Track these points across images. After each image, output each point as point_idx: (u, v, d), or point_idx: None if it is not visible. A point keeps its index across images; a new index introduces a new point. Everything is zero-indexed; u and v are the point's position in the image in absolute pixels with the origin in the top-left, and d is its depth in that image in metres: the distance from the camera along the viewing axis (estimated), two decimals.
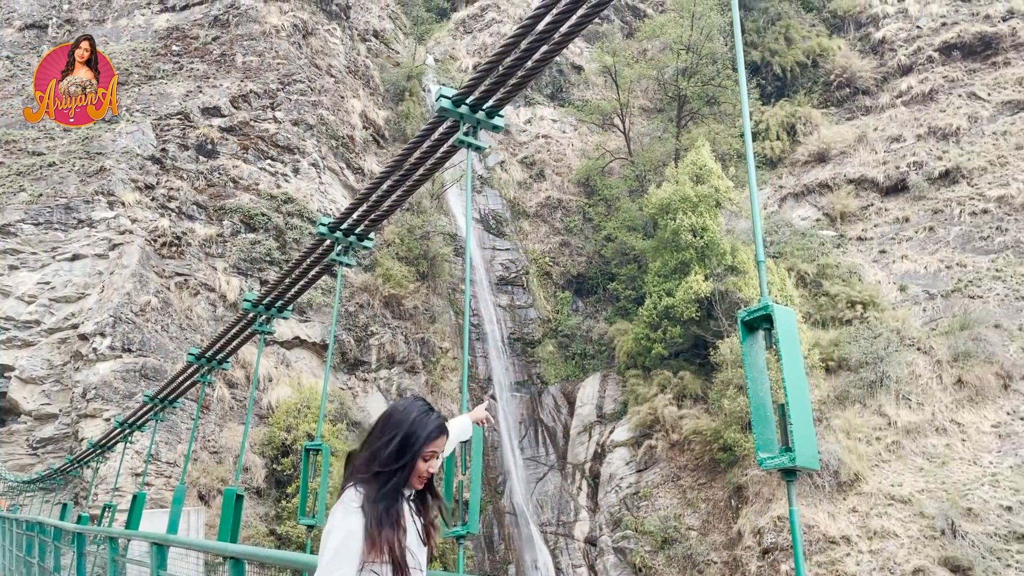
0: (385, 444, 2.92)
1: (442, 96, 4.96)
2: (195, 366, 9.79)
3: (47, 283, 23.06)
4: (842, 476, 22.16)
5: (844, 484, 22.15)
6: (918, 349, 25.51)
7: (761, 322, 2.74)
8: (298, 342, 26.75)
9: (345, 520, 2.77)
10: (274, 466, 22.77)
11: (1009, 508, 20.11)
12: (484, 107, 5.02)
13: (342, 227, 6.40)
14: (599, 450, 28.90)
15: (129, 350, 21.64)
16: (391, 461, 2.88)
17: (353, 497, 2.83)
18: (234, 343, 8.99)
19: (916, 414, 23.70)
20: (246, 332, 8.52)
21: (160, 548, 6.70)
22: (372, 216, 6.11)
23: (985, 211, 29.37)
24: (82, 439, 19.43)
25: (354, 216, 6.22)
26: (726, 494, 24.64)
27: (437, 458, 3.02)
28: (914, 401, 24.07)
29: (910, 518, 20.76)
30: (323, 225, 6.49)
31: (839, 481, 22.24)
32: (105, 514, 12.72)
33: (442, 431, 3.03)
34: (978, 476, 21.44)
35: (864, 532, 20.82)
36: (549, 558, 27.05)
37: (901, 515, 20.98)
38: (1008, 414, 22.97)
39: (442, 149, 5.28)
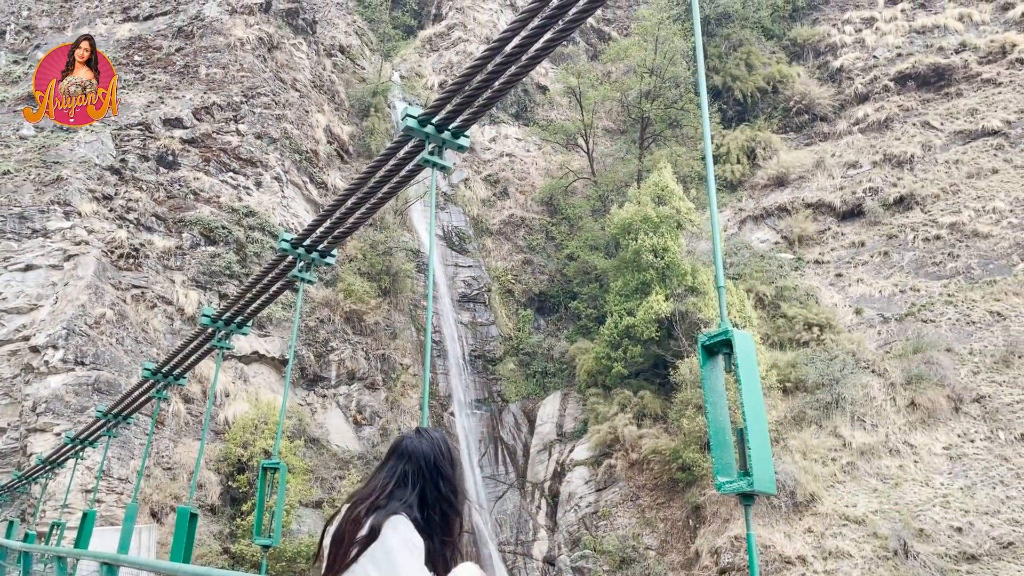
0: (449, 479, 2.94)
1: (408, 115, 4.97)
2: (150, 381, 9.61)
3: None
4: (798, 497, 22.42)
5: (800, 505, 22.41)
6: (872, 371, 25.99)
7: (721, 346, 2.78)
8: (257, 357, 26.40)
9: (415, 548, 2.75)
10: (229, 483, 22.37)
11: (959, 529, 20.50)
12: (450, 127, 5.04)
13: (304, 243, 6.35)
14: (559, 469, 28.89)
15: (82, 363, 21.15)
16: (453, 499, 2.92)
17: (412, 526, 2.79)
18: (191, 358, 8.85)
19: (870, 435, 24.10)
20: (204, 347, 8.38)
21: (110, 568, 6.53)
22: (335, 233, 6.08)
23: (938, 237, 30.12)
24: (31, 454, 18.90)
25: (317, 233, 6.18)
26: (684, 514, 24.77)
27: None
28: (868, 423, 24.49)
29: (864, 538, 21.06)
30: (285, 241, 6.44)
31: (795, 502, 22.50)
32: (53, 532, 12.36)
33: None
34: (930, 497, 21.84)
35: (819, 552, 21.05)
36: None
37: (855, 535, 21.27)
38: (959, 436, 23.47)
39: (407, 168, 5.29)
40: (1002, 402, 23.66)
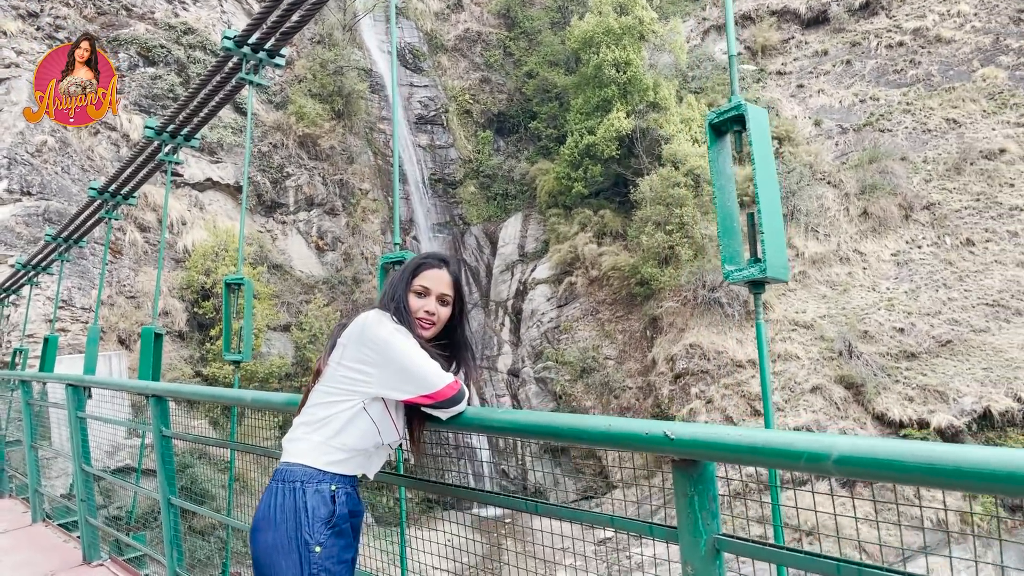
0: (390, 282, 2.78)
1: None
2: (98, 201, 9.17)
3: None
4: (750, 306, 23.21)
5: (752, 313, 23.25)
6: (828, 183, 26.24)
7: (731, 124, 2.53)
8: (211, 184, 25.64)
9: (400, 329, 2.59)
10: (195, 310, 22.37)
11: (901, 330, 21.53)
12: None
13: (249, 42, 5.81)
14: (521, 288, 29.40)
15: (29, 193, 20.34)
16: (392, 294, 2.71)
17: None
18: (139, 176, 8.39)
19: (822, 245, 24.71)
20: (151, 164, 7.92)
21: (76, 390, 6.46)
22: (283, 28, 5.54)
23: (901, 43, 29.55)
24: None
25: (263, 29, 5.63)
26: (642, 325, 25.61)
27: (431, 298, 2.72)
28: (821, 233, 25.02)
29: (811, 341, 22.07)
30: (228, 39, 5.84)
31: (747, 310, 23.31)
32: (17, 359, 12.27)
33: (431, 265, 2.76)
34: (875, 301, 22.76)
35: (769, 355, 22.10)
36: (474, 388, 27.99)
37: (803, 339, 22.27)
38: (907, 243, 24.16)
39: None
40: (951, 208, 24.22)
